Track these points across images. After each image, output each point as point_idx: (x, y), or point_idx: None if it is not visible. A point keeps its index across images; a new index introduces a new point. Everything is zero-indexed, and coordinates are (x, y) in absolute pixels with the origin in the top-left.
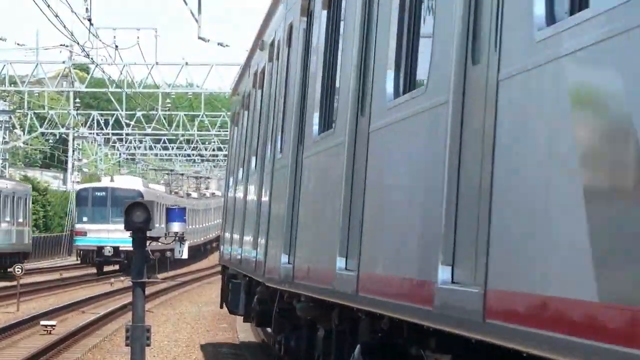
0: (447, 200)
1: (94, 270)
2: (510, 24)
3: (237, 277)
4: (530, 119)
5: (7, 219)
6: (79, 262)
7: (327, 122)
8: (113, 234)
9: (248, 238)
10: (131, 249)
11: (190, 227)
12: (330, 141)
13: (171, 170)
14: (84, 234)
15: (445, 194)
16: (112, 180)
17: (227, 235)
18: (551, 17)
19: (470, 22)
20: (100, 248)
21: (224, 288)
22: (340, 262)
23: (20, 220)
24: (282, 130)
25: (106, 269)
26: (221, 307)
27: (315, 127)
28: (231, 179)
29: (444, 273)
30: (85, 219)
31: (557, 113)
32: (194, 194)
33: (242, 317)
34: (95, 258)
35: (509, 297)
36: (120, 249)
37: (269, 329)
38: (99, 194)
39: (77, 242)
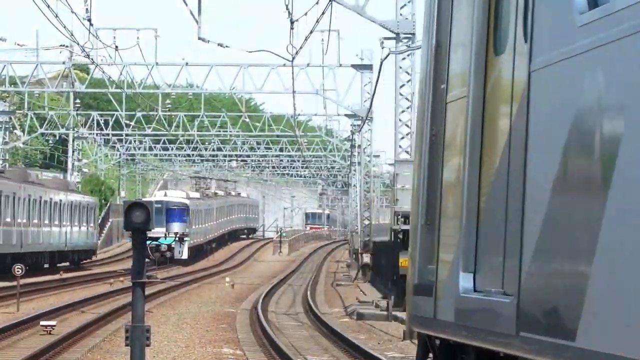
0: None
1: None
2: None
3: None
4: None
5: (84, 223)
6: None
7: None
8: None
9: None
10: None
11: (222, 219)
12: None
13: (202, 177)
14: None
15: None
16: (165, 195)
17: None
18: None
19: None
20: (158, 245)
21: None
22: None
23: (92, 224)
24: None
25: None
26: None
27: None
28: None
29: None
30: None
31: None
32: (220, 192)
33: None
34: (154, 253)
35: None
36: (172, 246)
37: None
38: (157, 205)
39: None
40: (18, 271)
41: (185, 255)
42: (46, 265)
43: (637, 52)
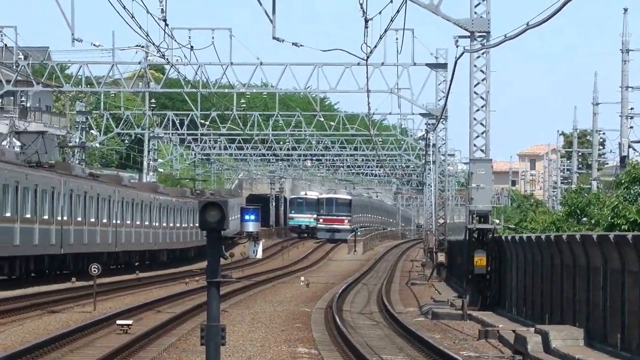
0: None
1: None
2: None
3: None
4: None
5: (237, 215)
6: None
7: None
8: (306, 219)
9: None
10: (314, 225)
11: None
12: None
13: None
14: (293, 218)
15: None
16: (305, 193)
17: None
18: None
19: None
20: (300, 225)
21: None
22: None
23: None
24: None
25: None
26: None
27: None
28: None
29: None
30: (293, 211)
31: None
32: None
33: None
34: (298, 230)
35: None
36: (309, 226)
37: None
38: (299, 200)
39: (290, 223)
40: (94, 271)
41: (259, 256)
42: None
43: None
